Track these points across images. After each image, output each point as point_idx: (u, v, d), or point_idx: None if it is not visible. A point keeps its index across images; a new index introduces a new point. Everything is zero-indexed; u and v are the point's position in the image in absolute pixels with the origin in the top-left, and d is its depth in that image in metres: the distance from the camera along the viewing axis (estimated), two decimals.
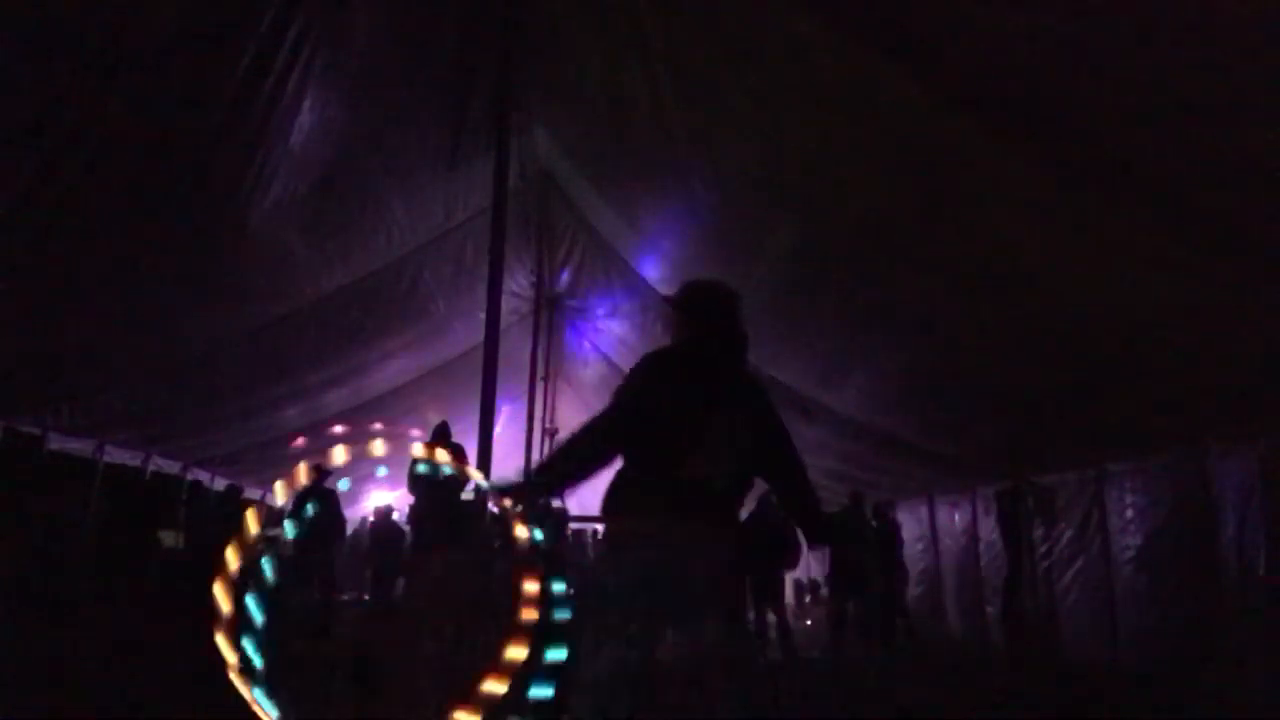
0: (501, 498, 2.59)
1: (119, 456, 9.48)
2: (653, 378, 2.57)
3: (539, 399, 9.93)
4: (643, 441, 2.50)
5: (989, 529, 9.63)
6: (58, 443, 8.39)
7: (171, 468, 10.66)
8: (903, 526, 9.82)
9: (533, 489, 2.75)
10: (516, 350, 9.73)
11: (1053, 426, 7.43)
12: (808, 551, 11.76)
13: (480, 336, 5.41)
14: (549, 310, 10.17)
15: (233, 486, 11.04)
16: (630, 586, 2.41)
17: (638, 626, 2.42)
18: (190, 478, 11.20)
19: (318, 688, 4.99)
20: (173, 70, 4.69)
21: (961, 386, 7.35)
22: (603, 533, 2.74)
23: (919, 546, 10.91)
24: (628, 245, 8.73)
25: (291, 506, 10.66)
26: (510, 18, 5.59)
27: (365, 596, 11.77)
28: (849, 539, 8.83)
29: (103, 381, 7.84)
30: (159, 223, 5.75)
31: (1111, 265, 4.95)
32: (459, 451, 8.50)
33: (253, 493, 12.74)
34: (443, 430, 8.65)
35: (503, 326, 5.48)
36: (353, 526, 12.90)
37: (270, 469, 11.76)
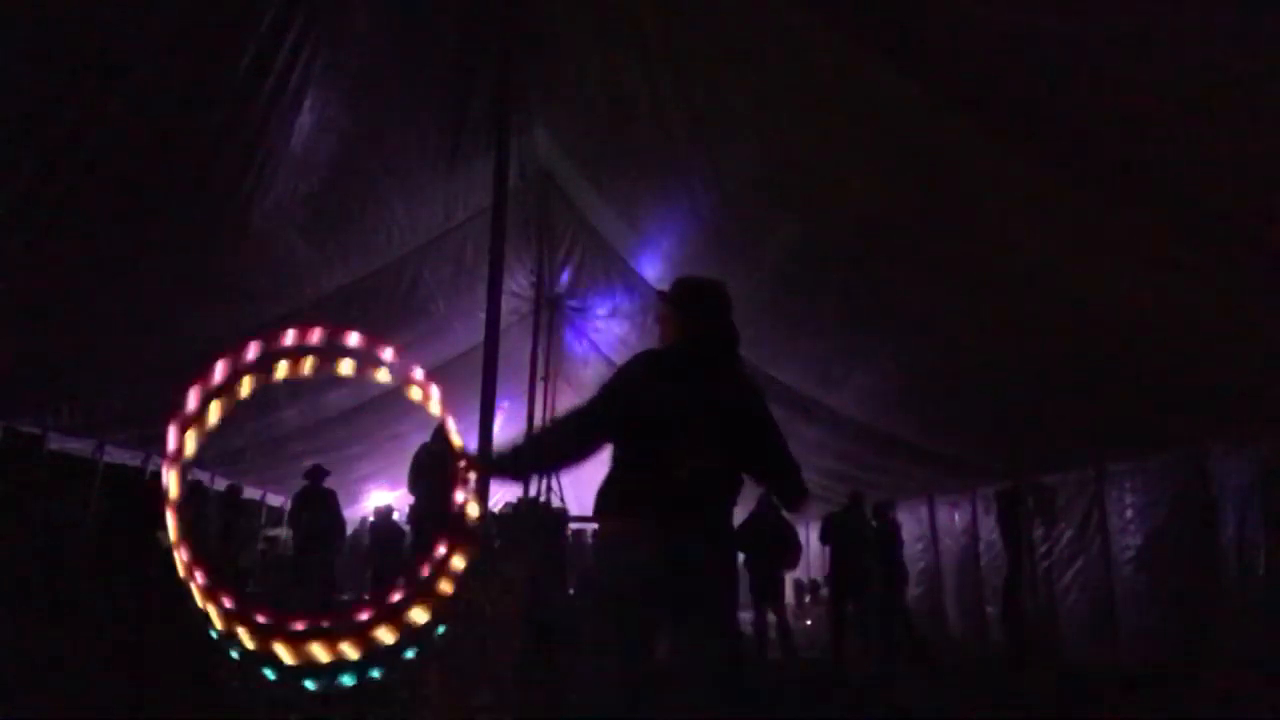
0: (463, 462, 2.67)
1: (119, 456, 9.47)
2: (650, 377, 2.56)
3: (539, 399, 9.92)
4: (638, 441, 2.49)
5: (989, 529, 9.63)
6: (58, 443, 8.39)
7: None
8: (903, 526, 9.81)
9: (497, 466, 2.78)
10: (516, 350, 9.72)
11: (1053, 426, 7.43)
12: (807, 551, 11.79)
13: (480, 336, 5.41)
14: (549, 310, 10.17)
15: (233, 486, 11.04)
16: (625, 587, 2.41)
17: (633, 627, 2.42)
18: (190, 478, 11.19)
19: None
20: (173, 70, 4.69)
21: (961, 386, 7.35)
22: (596, 533, 2.74)
23: (919, 546, 10.90)
24: (628, 245, 8.73)
25: (291, 507, 10.62)
26: (510, 18, 5.60)
27: (365, 596, 11.77)
28: (849, 539, 8.84)
29: (103, 381, 7.84)
30: (159, 223, 5.75)
31: (1112, 265, 4.96)
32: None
33: (253, 493, 12.74)
34: (443, 430, 8.66)
35: (503, 326, 5.47)
36: (353, 526, 12.89)
37: (270, 469, 11.77)
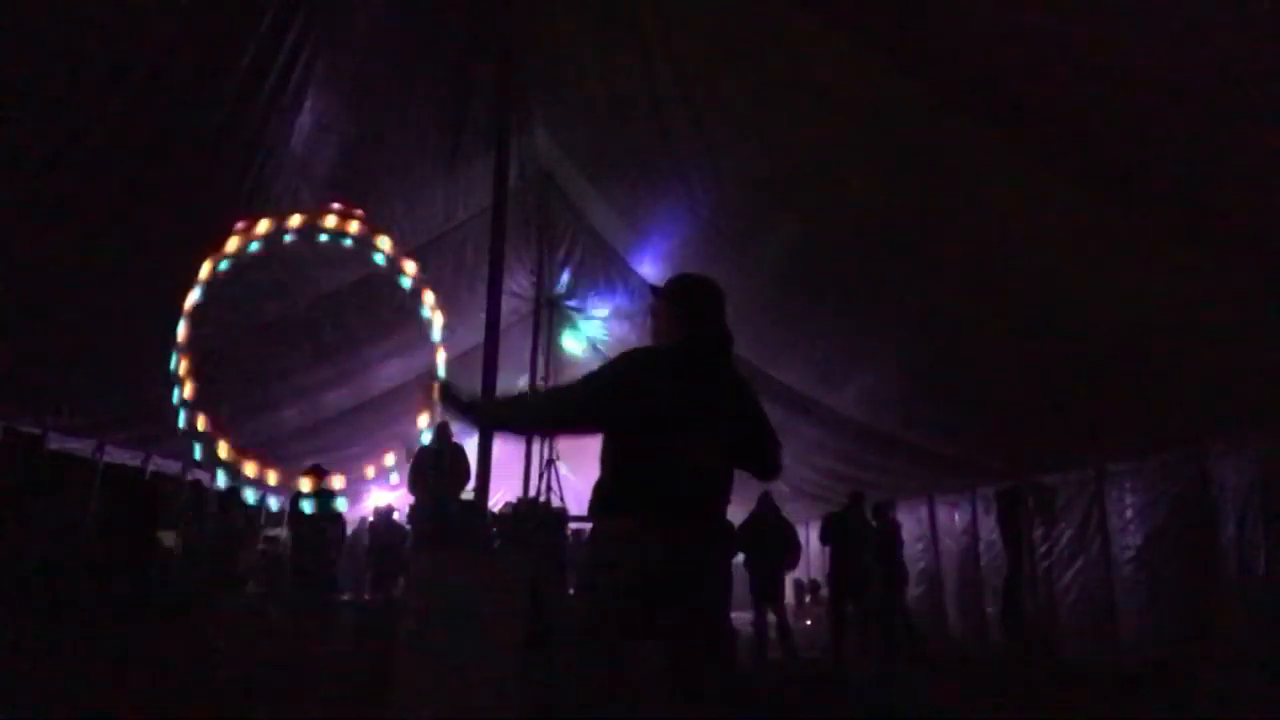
0: (442, 392, 2.71)
1: (119, 456, 9.48)
2: (650, 376, 2.55)
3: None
4: (639, 441, 2.49)
5: (989, 529, 9.62)
6: (58, 443, 8.39)
7: (171, 468, 10.65)
8: (903, 526, 9.80)
9: (467, 406, 2.72)
10: (516, 350, 9.73)
11: (1053, 426, 7.43)
12: (807, 551, 11.79)
13: (480, 336, 5.41)
14: (549, 310, 10.17)
15: (233, 486, 11.02)
16: (626, 586, 2.41)
17: (632, 627, 2.42)
18: (190, 477, 11.19)
19: None
20: (173, 71, 4.70)
21: (961, 386, 7.35)
22: (591, 533, 2.72)
23: (919, 546, 10.89)
24: (627, 246, 8.73)
25: (289, 509, 10.60)
26: (510, 19, 5.60)
27: (366, 596, 11.76)
28: (849, 539, 8.83)
29: (103, 381, 7.85)
30: (159, 223, 5.76)
31: (1112, 265, 4.96)
32: (459, 451, 8.52)
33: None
34: (443, 430, 8.66)
35: (503, 326, 5.48)
36: (353, 526, 12.87)
37: (270, 469, 11.75)
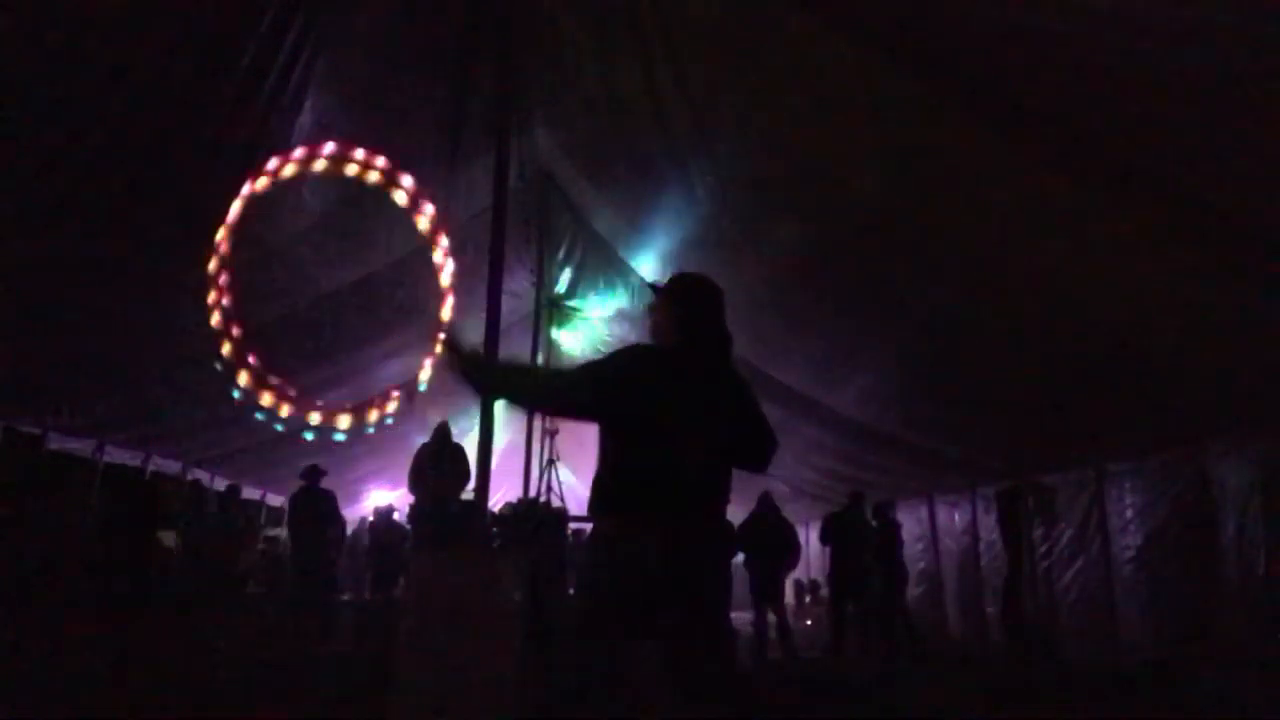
0: (447, 346, 2.75)
1: (119, 456, 9.48)
2: (650, 375, 2.55)
3: None
4: (639, 440, 2.49)
5: (989, 529, 9.62)
6: (58, 443, 8.39)
7: (171, 468, 10.66)
8: (903, 526, 9.80)
9: (471, 365, 2.70)
10: (516, 350, 9.71)
11: (1053, 426, 7.43)
12: (807, 551, 11.79)
13: (480, 336, 5.41)
14: (549, 310, 10.17)
15: (233, 486, 11.03)
16: (626, 586, 2.41)
17: (632, 627, 2.42)
18: (190, 477, 11.19)
19: None
20: (173, 71, 4.70)
21: (961, 386, 7.35)
22: (591, 533, 2.72)
23: (919, 546, 10.89)
24: (627, 246, 8.73)
25: (288, 510, 10.57)
26: (510, 18, 5.60)
27: (366, 596, 11.77)
28: (849, 539, 8.83)
29: (103, 381, 7.84)
30: (159, 223, 5.75)
31: (1112, 265, 4.96)
32: (459, 451, 8.53)
33: (252, 493, 12.74)
34: (443, 430, 8.66)
35: (503, 326, 5.48)
36: (353, 526, 12.87)
37: (270, 469, 11.76)
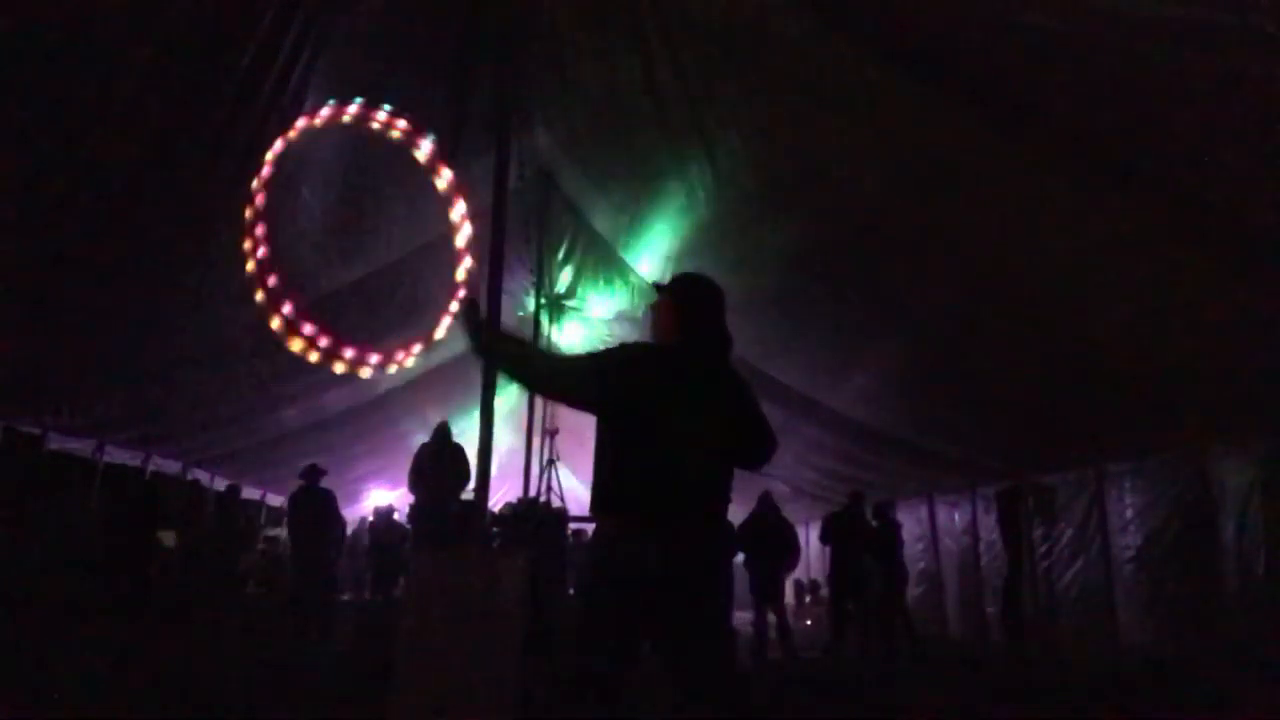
0: (465, 306, 2.84)
1: (119, 456, 9.48)
2: (650, 374, 2.55)
3: (539, 399, 9.91)
4: (640, 439, 2.49)
5: (989, 529, 9.63)
6: (58, 443, 8.39)
7: (171, 468, 10.66)
8: (903, 526, 9.80)
9: (480, 329, 2.76)
10: None
11: (1053, 426, 7.44)
12: (807, 551, 11.79)
13: None
14: (549, 310, 10.17)
15: (233, 486, 11.03)
16: (626, 586, 2.40)
17: (632, 627, 2.41)
18: (190, 477, 11.19)
19: None
20: (173, 71, 4.69)
21: (961, 386, 7.35)
22: (593, 532, 2.71)
23: (919, 546, 10.90)
24: (628, 245, 8.73)
25: (288, 510, 10.59)
26: (510, 17, 5.59)
27: (366, 596, 11.77)
28: (849, 539, 8.83)
29: (103, 381, 7.84)
30: (159, 223, 5.75)
31: (1112, 266, 4.96)
32: (459, 451, 8.53)
33: (252, 493, 12.74)
34: (444, 430, 8.66)
35: (503, 327, 5.46)
36: (353, 526, 12.87)
37: (270, 469, 11.76)
